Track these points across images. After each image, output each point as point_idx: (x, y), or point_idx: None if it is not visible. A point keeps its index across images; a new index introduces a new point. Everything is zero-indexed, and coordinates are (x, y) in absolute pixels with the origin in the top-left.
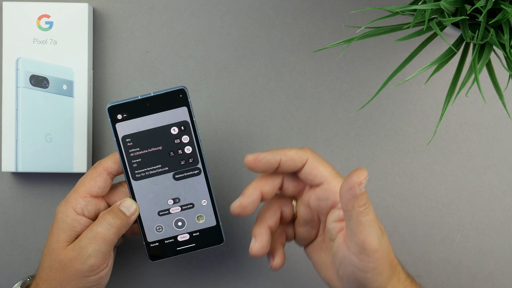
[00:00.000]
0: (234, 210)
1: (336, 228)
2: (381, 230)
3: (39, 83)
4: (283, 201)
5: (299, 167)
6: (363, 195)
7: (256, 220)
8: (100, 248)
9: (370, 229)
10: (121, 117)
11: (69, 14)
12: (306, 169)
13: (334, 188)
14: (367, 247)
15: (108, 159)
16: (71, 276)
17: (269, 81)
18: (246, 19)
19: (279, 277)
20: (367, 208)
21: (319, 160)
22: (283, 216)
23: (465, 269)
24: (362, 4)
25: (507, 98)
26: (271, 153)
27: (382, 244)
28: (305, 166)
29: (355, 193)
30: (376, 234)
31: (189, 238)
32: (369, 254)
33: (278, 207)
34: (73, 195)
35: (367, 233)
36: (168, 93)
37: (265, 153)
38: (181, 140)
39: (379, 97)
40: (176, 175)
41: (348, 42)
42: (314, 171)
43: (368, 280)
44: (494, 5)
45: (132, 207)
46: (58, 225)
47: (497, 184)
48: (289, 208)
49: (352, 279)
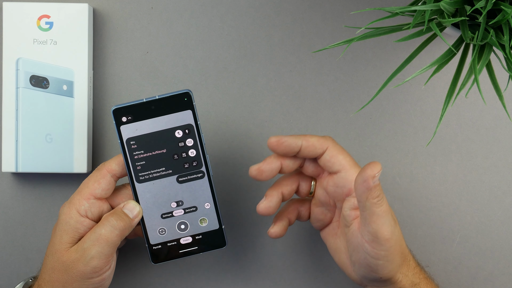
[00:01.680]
0: (252, 172)
1: (351, 215)
2: (394, 220)
3: (39, 84)
4: (303, 177)
5: (319, 154)
6: (376, 187)
7: (273, 184)
8: (103, 250)
9: (383, 220)
10: (125, 120)
11: (69, 14)
12: (326, 156)
13: (350, 177)
14: (380, 236)
15: (112, 161)
16: (73, 278)
17: (269, 81)
18: (246, 19)
19: (279, 277)
20: (381, 200)
21: (339, 149)
22: (299, 191)
23: (465, 269)
24: (362, 4)
25: (507, 98)
26: (294, 138)
27: (394, 233)
28: (325, 154)
29: (369, 185)
30: (389, 224)
31: (191, 241)
32: (382, 242)
33: (296, 179)
34: (77, 197)
35: (381, 223)
36: (173, 96)
37: (288, 136)
38: (185, 143)
39: (379, 97)
40: (179, 178)
41: (348, 42)
42: (333, 159)
43: (379, 266)
44: (494, 6)
45: (136, 209)
46: (61, 226)
47: (497, 184)
48: (307, 184)
49: (364, 264)
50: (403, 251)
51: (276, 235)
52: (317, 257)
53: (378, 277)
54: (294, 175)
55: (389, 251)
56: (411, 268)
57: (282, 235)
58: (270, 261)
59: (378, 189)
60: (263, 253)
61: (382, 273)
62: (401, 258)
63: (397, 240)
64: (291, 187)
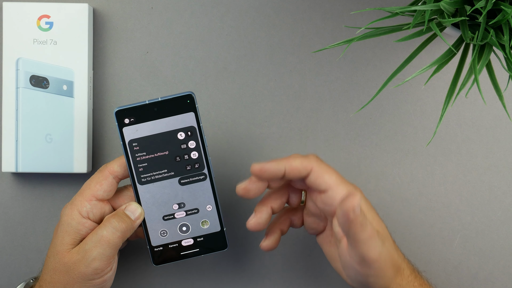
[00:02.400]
0: (238, 191)
1: (340, 233)
2: (381, 239)
3: (39, 84)
4: (293, 189)
5: (304, 176)
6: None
7: (262, 199)
8: (104, 252)
9: (369, 243)
10: (128, 121)
11: (69, 14)
12: (311, 177)
13: (338, 195)
14: (366, 259)
15: (114, 163)
16: (75, 279)
17: (269, 81)
18: (246, 20)
19: (279, 277)
20: (364, 225)
21: (324, 168)
22: (290, 202)
23: (465, 269)
24: (362, 4)
25: (507, 98)
26: (276, 164)
27: (382, 253)
28: (310, 175)
29: (349, 218)
30: (376, 246)
31: (193, 243)
32: (369, 264)
33: (286, 192)
34: (79, 198)
35: (366, 248)
36: (176, 98)
37: (270, 163)
38: (187, 145)
39: (379, 97)
40: (181, 180)
41: (348, 42)
42: (319, 180)
43: (371, 283)
44: (494, 6)
45: (137, 211)
46: (63, 227)
47: (497, 184)
48: (297, 196)
49: (356, 280)
50: (394, 264)
51: (268, 248)
52: (317, 257)
53: None
54: (284, 188)
55: (378, 269)
56: (405, 277)
57: (275, 247)
58: (270, 261)
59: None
60: (263, 254)
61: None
62: (393, 270)
63: (386, 257)
64: (280, 200)
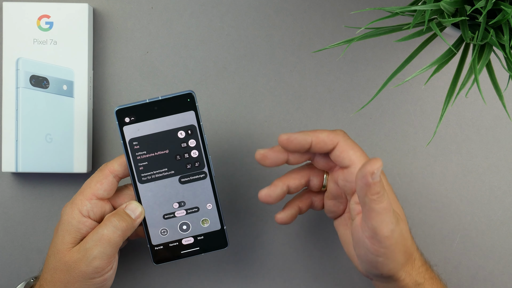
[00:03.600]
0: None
1: (356, 209)
2: (396, 219)
3: (39, 84)
4: (315, 172)
5: (329, 149)
6: (376, 184)
7: (282, 176)
8: (105, 251)
9: (382, 217)
10: (128, 120)
11: (69, 14)
12: (336, 151)
13: None
14: (378, 233)
15: (114, 162)
16: (75, 278)
17: (269, 81)
18: (246, 19)
19: (279, 277)
20: (381, 197)
21: (350, 144)
22: (311, 185)
23: (465, 269)
24: (362, 4)
25: (507, 98)
26: (303, 134)
27: (395, 232)
28: (335, 149)
29: (367, 181)
30: (389, 222)
31: (193, 242)
32: (381, 240)
33: (306, 174)
34: (79, 197)
35: (379, 221)
36: (176, 97)
37: (297, 133)
38: (187, 144)
39: (379, 97)
40: (182, 178)
41: (348, 42)
42: (343, 154)
43: (379, 263)
44: (494, 6)
45: (138, 210)
46: (64, 226)
47: (497, 184)
48: (319, 179)
49: (365, 260)
50: (407, 250)
51: (282, 221)
52: (317, 257)
53: (379, 273)
54: (305, 169)
55: (389, 248)
56: (416, 267)
57: (288, 223)
58: (270, 261)
59: (378, 185)
60: (263, 253)
61: (383, 270)
62: (404, 257)
63: (399, 238)
64: (299, 181)
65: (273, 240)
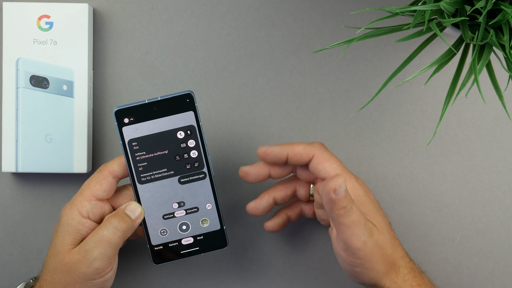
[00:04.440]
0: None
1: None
2: (369, 230)
3: (39, 84)
4: (301, 182)
5: (306, 161)
6: (340, 200)
7: (269, 188)
8: (105, 252)
9: (353, 230)
10: (127, 121)
11: (69, 14)
12: (312, 163)
13: None
14: (350, 245)
15: (113, 162)
16: (75, 279)
17: (269, 81)
18: (246, 19)
19: (279, 277)
20: (348, 211)
21: (325, 156)
22: (298, 195)
23: (465, 269)
24: (362, 4)
25: (507, 98)
26: (280, 147)
27: (367, 243)
28: (312, 161)
29: (331, 197)
30: (360, 234)
31: (193, 242)
32: (354, 252)
33: (292, 185)
34: (79, 198)
35: (350, 234)
36: (175, 97)
37: (274, 146)
38: (187, 145)
39: (379, 97)
40: (181, 179)
41: (348, 42)
42: (319, 166)
43: (358, 273)
44: (494, 6)
45: (137, 210)
46: (63, 227)
47: (497, 184)
48: (305, 190)
49: (346, 270)
50: (386, 259)
51: (270, 229)
52: (317, 257)
53: (362, 282)
54: (291, 180)
55: (364, 259)
56: (401, 275)
57: (277, 230)
58: (270, 261)
59: (344, 200)
60: (263, 253)
61: (364, 279)
62: (385, 266)
63: (374, 249)
64: (285, 192)
65: (273, 240)
